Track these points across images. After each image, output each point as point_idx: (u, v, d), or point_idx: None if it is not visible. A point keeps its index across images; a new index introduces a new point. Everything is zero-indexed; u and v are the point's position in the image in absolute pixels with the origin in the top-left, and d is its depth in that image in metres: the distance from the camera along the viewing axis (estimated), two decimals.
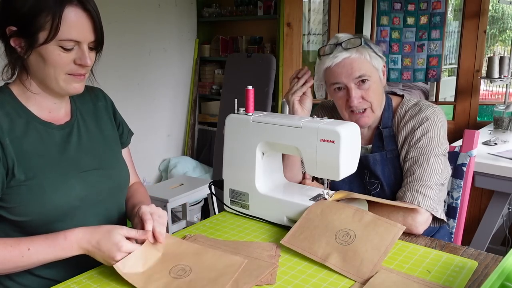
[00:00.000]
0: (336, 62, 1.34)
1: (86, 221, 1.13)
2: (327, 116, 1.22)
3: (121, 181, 1.23)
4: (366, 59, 1.35)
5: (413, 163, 1.32)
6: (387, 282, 0.95)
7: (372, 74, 1.36)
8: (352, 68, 1.33)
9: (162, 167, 3.81)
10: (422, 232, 1.21)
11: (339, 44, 1.35)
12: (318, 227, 1.12)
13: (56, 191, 1.06)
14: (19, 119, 1.06)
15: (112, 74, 3.16)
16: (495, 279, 0.77)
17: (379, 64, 1.38)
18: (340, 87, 1.37)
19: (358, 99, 1.35)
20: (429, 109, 1.37)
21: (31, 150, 1.06)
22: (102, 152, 1.20)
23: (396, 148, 1.40)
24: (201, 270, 0.99)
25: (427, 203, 1.23)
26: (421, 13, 3.14)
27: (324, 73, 1.40)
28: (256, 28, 3.71)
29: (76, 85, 1.08)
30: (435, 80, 3.27)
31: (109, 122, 1.27)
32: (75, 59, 1.04)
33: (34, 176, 1.04)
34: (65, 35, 1.00)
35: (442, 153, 1.34)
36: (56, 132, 1.12)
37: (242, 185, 1.31)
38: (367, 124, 1.40)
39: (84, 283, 0.99)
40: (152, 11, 3.53)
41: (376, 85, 1.37)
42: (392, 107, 1.45)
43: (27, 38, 1.01)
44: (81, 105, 1.21)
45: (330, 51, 1.36)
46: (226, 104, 3.62)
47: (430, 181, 1.27)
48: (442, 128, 1.37)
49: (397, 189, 1.38)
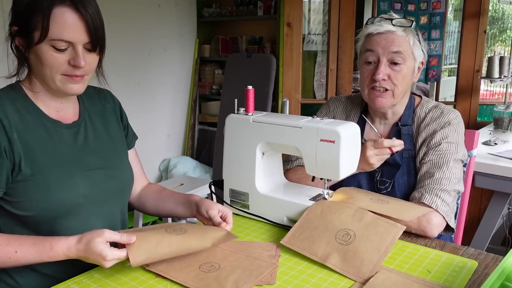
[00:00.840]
0: (379, 30, 1.33)
1: (88, 219, 1.14)
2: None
3: (125, 181, 1.24)
4: (408, 42, 1.33)
5: (432, 165, 1.31)
6: (387, 282, 0.95)
7: (407, 59, 1.33)
8: (393, 41, 1.31)
9: (162, 167, 3.81)
10: (436, 235, 1.20)
11: (390, 19, 1.33)
12: (318, 227, 1.12)
13: (61, 188, 1.07)
14: (28, 115, 1.08)
15: (112, 74, 3.13)
16: (495, 279, 0.77)
17: (419, 56, 1.36)
18: (371, 61, 1.35)
19: (384, 76, 1.32)
20: (451, 113, 1.37)
21: (39, 146, 1.07)
22: (107, 152, 1.21)
23: (413, 148, 1.39)
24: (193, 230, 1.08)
25: (444, 209, 1.22)
26: (421, 13, 3.15)
27: (364, 40, 1.38)
28: (256, 28, 3.71)
29: (73, 86, 1.07)
30: (435, 80, 3.27)
31: (116, 123, 1.28)
32: (69, 60, 1.04)
33: (40, 171, 1.06)
34: (56, 35, 1.00)
35: (461, 159, 1.34)
36: (64, 131, 1.13)
37: (242, 185, 1.31)
38: (382, 106, 1.36)
39: (84, 283, 0.99)
40: (152, 11, 3.52)
41: (407, 72, 1.34)
42: (413, 106, 1.43)
43: (25, 38, 1.03)
44: (90, 106, 1.23)
45: (378, 21, 1.34)
46: (226, 104, 3.62)
47: (449, 186, 1.27)
48: (461, 134, 1.36)
49: (407, 190, 1.36)
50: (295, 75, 3.39)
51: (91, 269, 1.04)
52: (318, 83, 4.22)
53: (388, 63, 1.33)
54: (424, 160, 1.34)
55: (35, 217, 1.07)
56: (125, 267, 1.05)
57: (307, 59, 4.16)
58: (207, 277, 0.98)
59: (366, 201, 1.21)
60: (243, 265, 1.02)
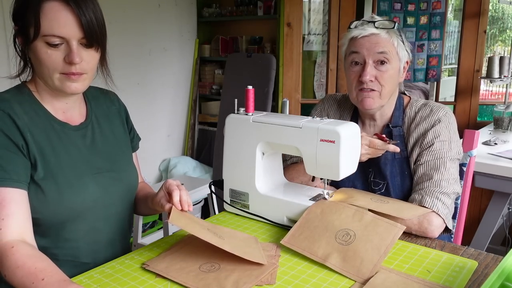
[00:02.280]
0: (363, 34, 1.33)
1: (96, 223, 1.14)
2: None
3: (131, 184, 1.24)
4: (392, 43, 1.33)
5: (429, 167, 1.31)
6: (387, 282, 0.95)
7: (393, 59, 1.34)
8: (377, 43, 1.32)
9: (162, 167, 3.81)
10: (437, 236, 1.20)
11: (372, 22, 1.34)
12: (318, 227, 1.12)
13: (72, 191, 1.07)
14: (37, 117, 1.08)
15: (112, 74, 3.15)
16: (495, 279, 0.77)
17: (404, 56, 1.37)
18: (358, 62, 1.35)
19: (371, 77, 1.33)
20: (440, 111, 1.37)
21: (49, 149, 1.07)
22: (114, 154, 1.21)
23: (405, 149, 1.39)
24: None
25: (444, 212, 1.23)
26: (421, 13, 3.15)
27: (348, 44, 1.39)
28: (256, 28, 3.71)
29: (71, 84, 1.05)
30: (435, 80, 3.27)
31: (121, 126, 1.27)
32: (64, 57, 1.02)
33: (52, 174, 1.05)
34: (47, 30, 1.00)
35: (457, 158, 1.34)
36: (72, 133, 1.13)
37: (242, 185, 1.31)
38: (370, 107, 1.37)
39: (84, 283, 0.99)
40: (152, 11, 3.53)
41: (393, 72, 1.35)
42: (403, 106, 1.43)
43: (23, 36, 1.04)
44: (96, 108, 1.22)
45: (361, 25, 1.35)
46: (226, 104, 3.62)
47: (448, 188, 1.27)
48: (453, 130, 1.36)
49: (401, 191, 1.37)
50: (295, 75, 3.39)
51: (91, 269, 1.05)
52: (318, 83, 4.22)
53: (374, 64, 1.34)
54: (420, 161, 1.34)
55: (44, 220, 1.06)
56: (125, 267, 1.05)
57: (307, 59, 4.16)
58: (207, 277, 0.98)
59: (366, 200, 1.21)
60: (243, 265, 1.02)
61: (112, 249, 1.20)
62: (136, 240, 2.78)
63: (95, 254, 1.16)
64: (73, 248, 1.12)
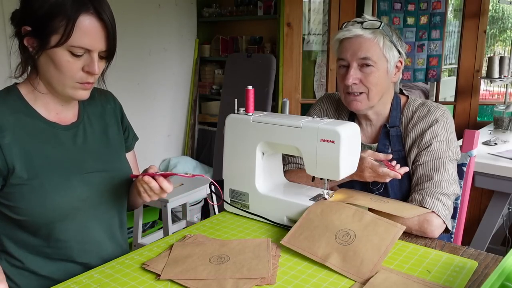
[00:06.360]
0: (347, 36, 1.33)
1: (86, 223, 1.14)
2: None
3: (123, 184, 1.23)
4: (377, 44, 1.32)
5: (429, 168, 1.31)
6: (387, 282, 0.95)
7: (379, 61, 1.33)
8: (360, 47, 1.32)
9: (162, 167, 3.81)
10: (437, 236, 1.21)
11: (360, 22, 1.33)
12: (318, 227, 1.12)
13: (58, 192, 1.06)
14: (25, 118, 1.07)
15: (112, 74, 3.13)
16: (495, 279, 0.77)
17: (393, 56, 1.35)
18: (345, 65, 1.36)
19: (354, 80, 1.33)
20: (438, 110, 1.37)
21: (35, 150, 1.06)
22: (106, 154, 1.20)
23: (403, 149, 1.39)
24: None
25: (444, 213, 1.24)
26: (421, 13, 3.15)
27: (337, 46, 1.39)
28: (256, 28, 3.71)
29: (82, 92, 1.08)
30: (435, 80, 3.27)
31: (116, 125, 1.27)
32: (84, 66, 1.04)
33: (37, 176, 1.05)
34: (77, 41, 1.00)
35: (455, 158, 1.34)
36: (62, 133, 1.12)
37: (242, 185, 1.31)
38: (358, 109, 1.38)
39: (84, 283, 0.99)
40: (152, 11, 3.53)
41: (380, 74, 1.34)
42: (400, 106, 1.43)
43: (40, 39, 1.01)
44: (89, 107, 1.22)
45: (351, 25, 1.35)
46: (226, 104, 3.62)
47: (448, 189, 1.28)
48: (451, 130, 1.36)
49: (399, 191, 1.37)
50: (295, 75, 3.39)
51: (91, 269, 1.05)
52: (318, 83, 4.22)
53: (358, 67, 1.34)
54: (419, 161, 1.34)
55: (32, 221, 1.06)
56: (125, 267, 1.05)
57: (307, 59, 4.16)
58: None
59: (366, 200, 1.21)
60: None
61: (106, 248, 1.19)
62: (136, 240, 2.78)
63: (88, 253, 1.15)
64: (65, 248, 1.12)
